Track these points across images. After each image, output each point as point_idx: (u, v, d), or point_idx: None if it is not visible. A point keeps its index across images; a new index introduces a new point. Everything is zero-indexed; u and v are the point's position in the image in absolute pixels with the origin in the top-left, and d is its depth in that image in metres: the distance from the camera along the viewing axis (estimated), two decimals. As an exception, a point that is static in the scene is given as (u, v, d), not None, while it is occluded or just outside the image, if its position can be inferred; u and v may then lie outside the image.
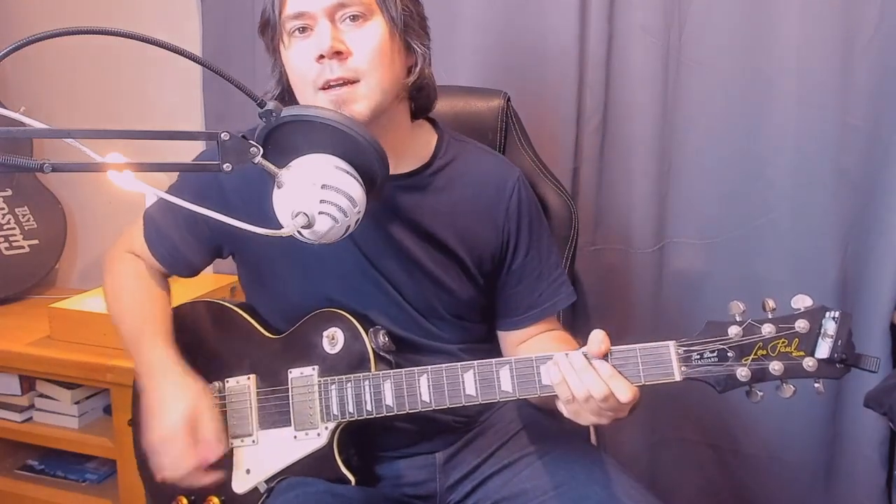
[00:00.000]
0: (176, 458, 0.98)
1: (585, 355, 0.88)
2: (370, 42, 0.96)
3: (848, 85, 1.49)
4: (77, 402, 1.77)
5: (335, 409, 1.01)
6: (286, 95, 1.05)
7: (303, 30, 0.97)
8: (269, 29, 1.01)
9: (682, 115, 1.60)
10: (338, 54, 0.94)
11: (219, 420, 1.02)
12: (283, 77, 1.03)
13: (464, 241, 1.09)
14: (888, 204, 1.52)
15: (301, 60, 0.97)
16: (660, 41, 1.57)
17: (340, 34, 0.95)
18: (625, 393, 0.86)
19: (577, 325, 1.61)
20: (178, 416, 0.97)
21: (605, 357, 0.88)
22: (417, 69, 1.03)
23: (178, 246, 1.12)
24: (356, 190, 0.84)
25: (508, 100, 1.38)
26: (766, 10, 1.51)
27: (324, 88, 0.96)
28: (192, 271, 1.17)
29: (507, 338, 1.17)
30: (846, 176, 1.53)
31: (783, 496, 1.70)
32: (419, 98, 1.08)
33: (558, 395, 0.90)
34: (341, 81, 0.95)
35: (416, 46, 1.03)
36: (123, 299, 1.14)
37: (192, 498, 1.09)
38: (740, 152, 1.59)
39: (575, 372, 0.87)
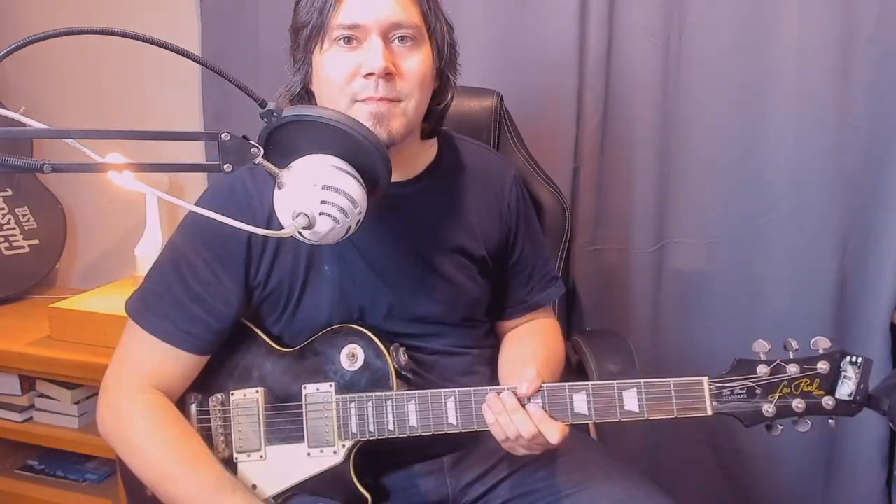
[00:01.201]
0: None
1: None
2: (418, 67, 0.97)
3: (848, 85, 1.49)
4: (77, 402, 1.77)
5: (354, 428, 0.99)
6: (307, 96, 1.03)
7: (348, 40, 0.95)
8: (307, 30, 0.98)
9: (682, 115, 1.60)
10: (387, 75, 0.94)
11: None
12: (308, 78, 1.02)
13: (476, 238, 1.10)
14: (888, 204, 1.52)
15: (341, 71, 0.95)
16: (660, 41, 1.57)
17: (392, 57, 0.95)
18: (554, 435, 0.91)
19: (577, 324, 1.61)
20: None
21: (538, 393, 0.93)
22: (449, 98, 1.06)
23: (198, 317, 1.00)
24: (357, 190, 0.84)
25: (501, 99, 1.39)
26: (765, 10, 1.51)
27: (361, 100, 0.95)
28: (219, 344, 1.04)
29: (498, 326, 1.20)
30: (846, 176, 1.53)
31: (783, 496, 1.70)
32: (435, 122, 1.08)
33: (494, 435, 0.94)
34: (384, 100, 0.95)
35: (451, 77, 1.05)
36: (165, 473, 0.99)
37: None
38: (740, 152, 1.59)
39: (506, 413, 0.92)
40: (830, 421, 0.90)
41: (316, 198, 0.82)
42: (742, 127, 1.57)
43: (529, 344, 1.14)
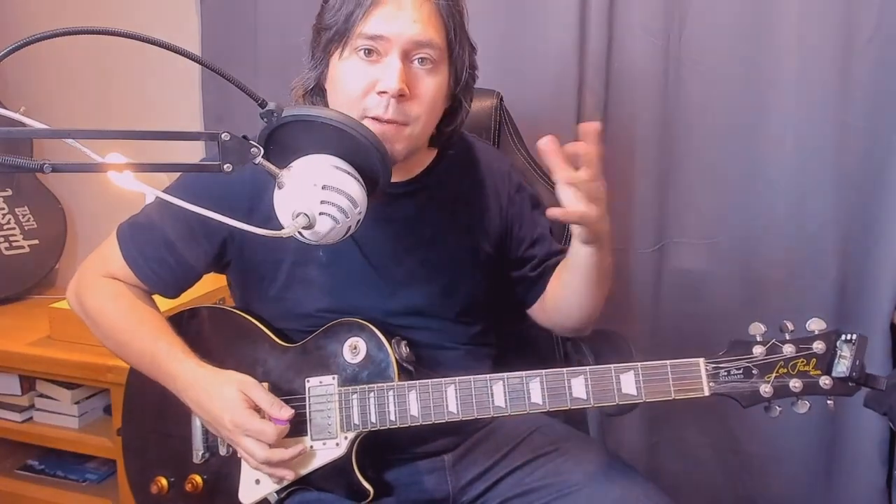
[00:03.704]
0: (259, 433, 0.95)
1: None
2: (431, 91, 0.98)
3: (848, 85, 1.49)
4: (77, 402, 1.77)
5: (356, 419, 1.00)
6: (321, 93, 1.04)
7: (368, 52, 0.96)
8: (331, 33, 0.98)
9: (682, 115, 1.60)
10: (400, 96, 0.94)
11: (267, 390, 1.00)
12: (323, 77, 1.02)
13: (472, 233, 1.11)
14: (888, 204, 1.52)
15: (356, 82, 0.96)
16: (660, 41, 1.57)
17: (409, 76, 0.95)
18: None
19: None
20: (233, 397, 0.96)
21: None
22: (458, 121, 1.06)
23: (167, 262, 1.08)
24: (357, 190, 0.84)
25: (502, 99, 1.39)
26: (765, 11, 1.51)
27: (371, 117, 0.96)
28: (178, 290, 1.13)
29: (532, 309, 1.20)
30: (846, 176, 1.53)
31: (783, 496, 1.70)
32: (447, 137, 1.09)
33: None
34: (392, 122, 0.96)
35: (465, 103, 1.05)
36: (118, 324, 1.08)
37: (172, 479, 1.09)
38: (740, 152, 1.59)
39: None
40: (829, 402, 0.90)
41: (316, 198, 0.82)
42: (742, 127, 1.57)
43: None
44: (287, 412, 0.97)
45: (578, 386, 0.93)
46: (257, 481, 1.03)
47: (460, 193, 1.11)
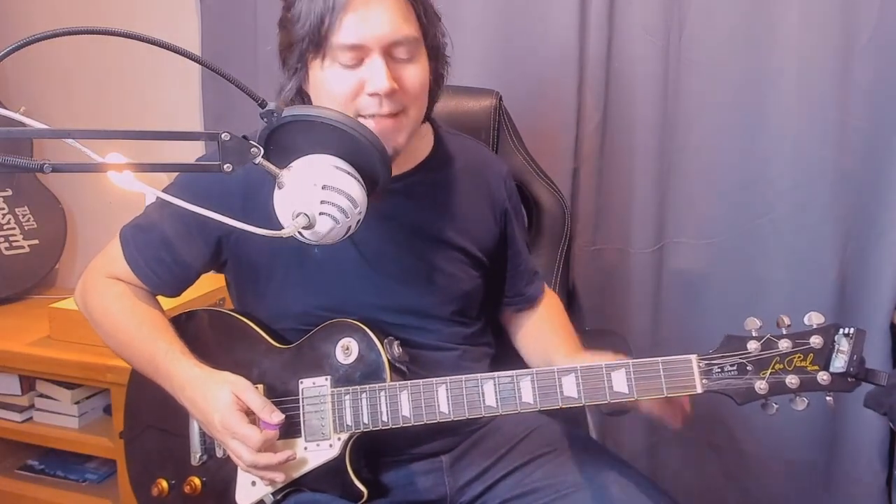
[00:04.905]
0: (244, 437, 0.94)
1: None
2: (418, 79, 0.98)
3: (848, 85, 1.49)
4: (77, 402, 1.78)
5: (349, 420, 0.99)
6: (301, 99, 1.03)
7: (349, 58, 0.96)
8: (305, 43, 0.97)
9: (682, 116, 1.60)
10: (392, 92, 0.95)
11: (261, 393, 1.00)
12: (303, 82, 1.02)
13: (468, 232, 1.11)
14: (888, 204, 1.52)
15: (343, 88, 0.96)
16: (660, 41, 1.57)
17: (393, 70, 0.96)
18: None
19: (576, 324, 1.61)
20: (224, 399, 0.96)
21: None
22: (440, 91, 1.07)
23: (164, 261, 1.09)
24: (357, 190, 0.84)
25: (501, 99, 1.39)
26: (765, 11, 1.51)
27: (364, 116, 0.96)
28: (177, 289, 1.14)
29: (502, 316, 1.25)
30: (846, 176, 1.53)
31: (783, 496, 1.70)
32: (430, 105, 1.09)
33: None
34: (388, 116, 0.96)
35: (443, 73, 1.06)
36: (120, 324, 1.09)
37: (173, 481, 1.09)
38: (740, 152, 1.59)
39: None
40: (828, 398, 0.87)
41: (316, 198, 0.82)
42: (742, 127, 1.57)
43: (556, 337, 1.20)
44: (278, 417, 0.96)
45: (569, 384, 0.92)
46: (253, 483, 1.03)
47: (456, 191, 1.12)
